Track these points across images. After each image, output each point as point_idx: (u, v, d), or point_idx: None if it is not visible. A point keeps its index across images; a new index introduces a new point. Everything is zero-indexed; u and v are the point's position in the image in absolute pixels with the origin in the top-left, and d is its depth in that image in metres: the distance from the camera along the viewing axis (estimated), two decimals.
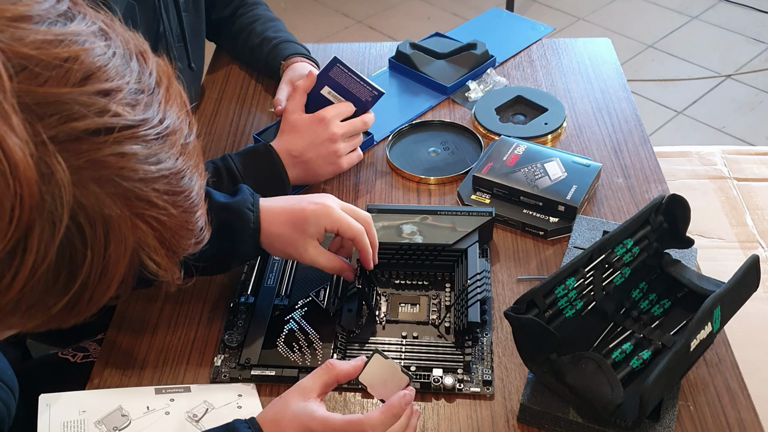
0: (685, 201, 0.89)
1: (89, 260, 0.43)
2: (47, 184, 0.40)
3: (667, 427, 0.77)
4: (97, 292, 0.46)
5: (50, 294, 0.43)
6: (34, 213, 0.39)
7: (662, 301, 0.89)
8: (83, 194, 0.42)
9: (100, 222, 0.43)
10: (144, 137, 0.44)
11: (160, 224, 0.47)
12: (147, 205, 0.45)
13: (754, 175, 1.62)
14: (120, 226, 0.44)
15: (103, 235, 0.43)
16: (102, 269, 0.44)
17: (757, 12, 3.18)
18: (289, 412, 0.71)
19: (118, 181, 0.43)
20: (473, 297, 0.88)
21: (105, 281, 0.45)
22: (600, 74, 1.37)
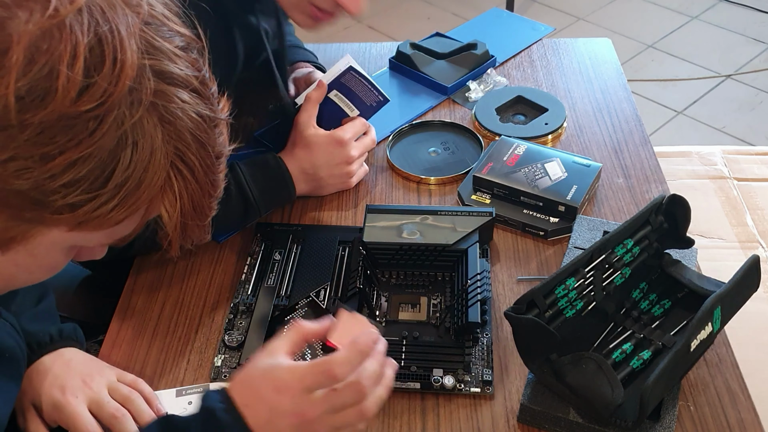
0: (686, 201, 0.89)
1: (128, 171, 0.51)
2: (134, 91, 0.50)
3: (668, 427, 0.77)
4: (119, 207, 0.52)
5: (84, 182, 0.49)
6: (117, 100, 0.49)
7: (662, 302, 0.89)
8: (147, 118, 0.51)
9: (149, 147, 0.51)
10: (201, 93, 0.55)
11: (189, 174, 0.55)
12: (187, 151, 0.54)
13: (754, 175, 1.62)
14: (161, 160, 0.52)
15: (146, 158, 0.51)
16: (134, 188, 0.52)
17: (757, 12, 3.18)
18: (256, 371, 0.67)
19: (174, 124, 0.52)
20: (473, 297, 0.88)
21: (130, 201, 0.52)
22: (600, 74, 1.37)
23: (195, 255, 1.02)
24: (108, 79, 0.48)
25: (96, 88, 0.48)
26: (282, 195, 1.04)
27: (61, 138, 0.48)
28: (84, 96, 0.47)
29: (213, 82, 0.58)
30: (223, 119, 0.58)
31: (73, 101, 0.47)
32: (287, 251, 1.01)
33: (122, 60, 0.49)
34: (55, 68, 0.46)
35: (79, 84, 0.47)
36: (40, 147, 0.47)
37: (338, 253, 1.00)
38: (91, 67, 0.48)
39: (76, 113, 0.47)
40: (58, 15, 0.47)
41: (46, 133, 0.47)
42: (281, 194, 1.03)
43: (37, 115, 0.47)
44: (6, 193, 0.49)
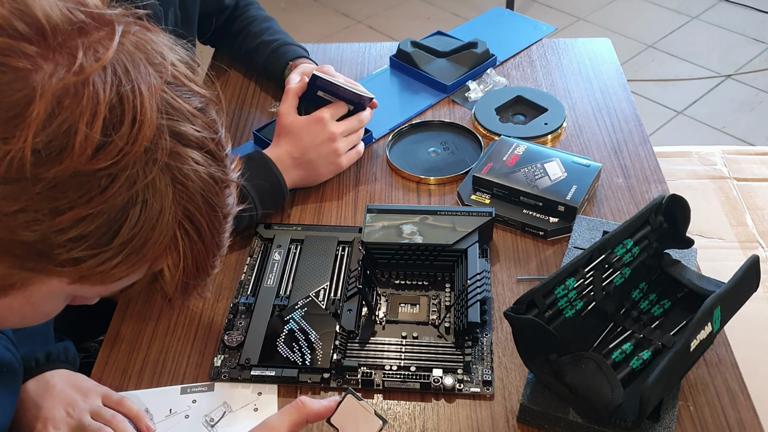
0: (685, 201, 0.89)
1: (134, 229, 0.51)
2: (150, 151, 0.50)
3: (667, 427, 0.77)
4: (123, 264, 0.52)
5: (91, 238, 0.49)
6: (132, 159, 0.49)
7: (662, 302, 0.89)
8: (160, 178, 0.51)
9: (158, 206, 0.51)
10: (215, 155, 0.55)
11: (196, 234, 0.55)
12: (196, 212, 0.54)
13: (754, 175, 1.62)
14: (169, 220, 0.52)
15: (155, 217, 0.51)
16: (140, 246, 0.52)
17: (757, 12, 3.18)
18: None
19: (185, 185, 0.53)
20: (473, 297, 0.88)
21: (134, 258, 0.52)
22: (600, 74, 1.37)
23: None
24: (125, 139, 0.48)
25: (113, 146, 0.48)
26: (273, 186, 1.03)
27: (72, 194, 0.48)
28: (100, 154, 0.47)
29: (228, 143, 0.58)
30: (234, 181, 0.59)
31: (89, 159, 0.47)
32: (287, 251, 1.01)
33: (141, 120, 0.49)
34: (74, 125, 0.46)
35: (96, 142, 0.47)
36: (51, 201, 0.47)
37: (338, 253, 1.00)
38: (109, 126, 0.48)
39: (91, 171, 0.47)
40: (84, 72, 0.47)
41: (58, 188, 0.47)
42: (271, 186, 1.03)
43: (52, 170, 0.47)
44: (12, 242, 0.49)
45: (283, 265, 0.99)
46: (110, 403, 0.83)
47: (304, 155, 1.06)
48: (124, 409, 0.82)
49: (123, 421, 0.81)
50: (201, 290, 0.61)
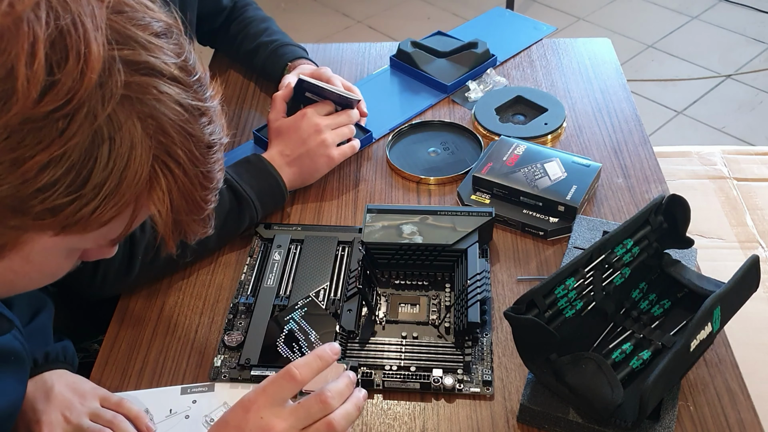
0: (685, 201, 0.89)
1: (106, 169, 0.49)
2: (103, 85, 0.47)
3: (667, 427, 0.77)
4: (102, 208, 0.50)
5: (61, 185, 0.48)
6: (85, 96, 0.46)
7: (662, 302, 0.89)
8: (122, 112, 0.49)
9: (128, 142, 0.49)
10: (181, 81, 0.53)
11: (176, 167, 0.53)
12: (171, 144, 0.52)
13: (754, 175, 1.62)
14: (142, 155, 0.50)
15: (125, 154, 0.49)
16: (114, 186, 0.50)
17: (757, 12, 3.18)
18: (227, 412, 0.67)
19: (153, 117, 0.50)
20: (473, 297, 0.88)
21: (113, 201, 0.50)
22: (600, 74, 1.37)
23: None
24: (72, 75, 0.46)
25: (60, 86, 0.45)
26: (271, 186, 1.04)
27: (29, 141, 0.46)
28: (48, 95, 0.45)
29: (198, 68, 0.55)
30: (211, 107, 0.56)
31: (36, 102, 0.45)
32: (287, 251, 1.01)
33: (87, 53, 0.46)
34: (13, 69, 0.44)
35: (41, 83, 0.45)
36: (10, 152, 0.46)
37: (338, 253, 1.00)
38: (53, 64, 0.45)
39: (42, 114, 0.45)
40: (14, 11, 0.45)
41: (13, 137, 0.46)
42: (270, 185, 1.03)
43: (1, 120, 0.45)
44: None
45: (283, 265, 0.99)
46: (109, 405, 0.82)
47: (294, 151, 1.06)
48: (124, 410, 0.82)
49: (123, 421, 0.81)
50: (200, 226, 0.59)
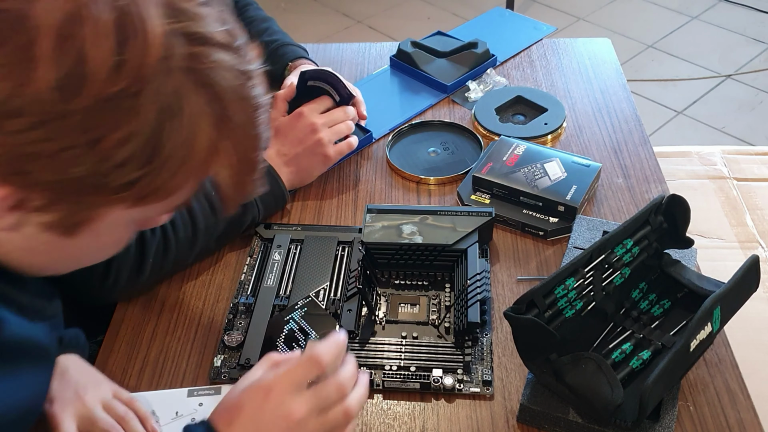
0: (685, 201, 0.89)
1: (175, 140, 0.51)
2: (165, 59, 0.49)
3: (667, 427, 0.77)
4: (173, 177, 0.53)
5: (135, 159, 0.50)
6: (150, 72, 0.48)
7: (662, 302, 0.89)
8: (184, 84, 0.50)
9: (191, 112, 0.51)
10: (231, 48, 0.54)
11: (235, 131, 0.55)
12: (229, 109, 0.54)
13: (754, 175, 1.62)
14: (205, 123, 0.52)
15: (191, 123, 0.51)
16: (184, 155, 0.52)
17: (757, 12, 3.18)
18: (237, 391, 0.66)
19: (211, 85, 0.52)
20: (473, 297, 0.88)
21: (183, 169, 0.53)
22: (600, 74, 1.37)
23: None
24: (137, 53, 0.48)
25: (127, 64, 0.47)
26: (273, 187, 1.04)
27: (103, 121, 0.48)
28: (117, 74, 0.47)
29: (240, 33, 0.57)
30: (255, 69, 0.57)
31: (107, 82, 0.47)
32: (287, 251, 1.01)
33: (148, 30, 0.48)
34: (83, 53, 0.46)
35: (109, 64, 0.47)
36: (86, 133, 0.48)
37: (338, 253, 1.00)
38: (119, 45, 0.47)
39: (113, 93, 0.47)
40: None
41: (88, 118, 0.47)
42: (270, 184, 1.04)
43: (75, 103, 0.47)
44: (66, 182, 0.49)
45: (283, 265, 0.99)
46: (121, 400, 0.82)
47: (291, 151, 1.07)
48: (134, 408, 0.82)
49: (134, 420, 0.80)
50: (254, 187, 0.61)
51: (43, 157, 0.48)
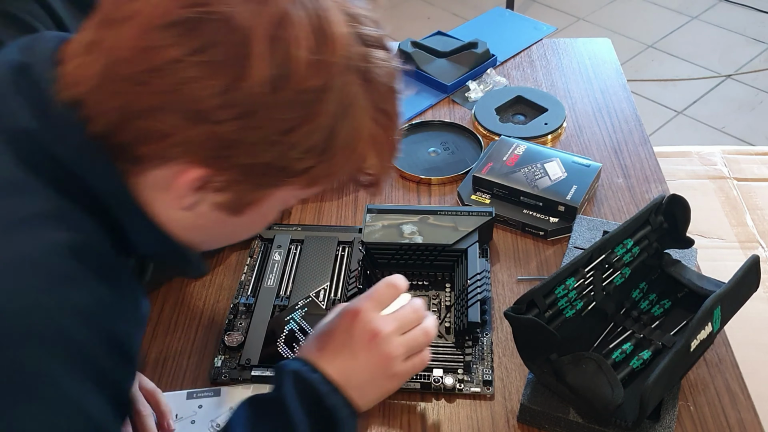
0: (685, 201, 0.89)
1: (347, 130, 0.57)
2: (348, 59, 0.55)
3: (668, 427, 0.77)
4: (341, 164, 0.59)
5: (315, 147, 0.56)
6: (336, 71, 0.54)
7: (662, 302, 0.89)
8: (355, 80, 0.56)
9: (359, 105, 0.57)
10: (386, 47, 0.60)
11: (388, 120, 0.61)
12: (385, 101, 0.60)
13: (754, 175, 1.62)
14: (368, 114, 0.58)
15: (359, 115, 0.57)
16: (352, 144, 0.58)
17: (757, 12, 3.18)
18: (323, 324, 0.73)
19: (373, 81, 0.58)
20: (473, 297, 0.88)
21: (350, 156, 0.59)
22: (600, 74, 1.37)
23: None
24: (328, 53, 0.54)
25: (321, 63, 0.53)
26: None
27: (299, 112, 0.54)
28: (313, 72, 0.53)
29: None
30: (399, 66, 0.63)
31: (306, 78, 0.53)
32: (287, 251, 1.01)
33: (335, 33, 0.54)
34: (289, 53, 0.52)
35: (308, 62, 0.53)
36: (284, 123, 0.54)
37: (338, 253, 1.00)
38: (315, 46, 0.53)
39: (308, 88, 0.53)
40: (278, 4, 0.53)
41: (288, 109, 0.53)
42: None
43: (280, 96, 0.53)
44: (254, 166, 0.55)
45: (283, 266, 0.99)
46: (144, 389, 0.82)
47: None
48: (154, 401, 0.82)
49: (162, 400, 0.81)
50: (391, 171, 0.67)
51: (245, 144, 0.54)
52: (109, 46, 0.53)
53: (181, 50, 0.51)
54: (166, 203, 0.58)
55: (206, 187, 0.56)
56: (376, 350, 0.69)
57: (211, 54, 0.51)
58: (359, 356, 0.68)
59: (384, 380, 0.70)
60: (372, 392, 0.70)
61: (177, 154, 0.54)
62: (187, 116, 0.52)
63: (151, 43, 0.51)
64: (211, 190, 0.57)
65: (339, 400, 0.66)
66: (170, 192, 0.57)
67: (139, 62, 0.51)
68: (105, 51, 0.53)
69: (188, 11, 0.51)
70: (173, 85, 0.51)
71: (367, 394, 0.69)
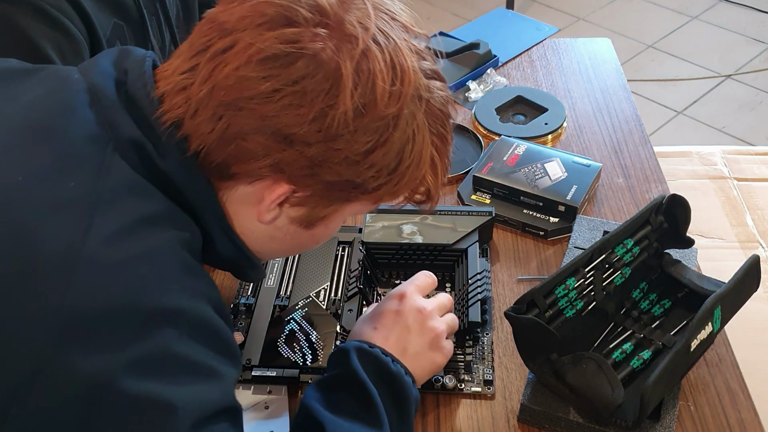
0: (686, 201, 0.89)
1: (412, 153, 0.63)
2: (416, 89, 0.61)
3: (668, 427, 0.77)
4: (405, 183, 0.65)
5: (386, 168, 0.62)
6: (407, 100, 0.60)
7: (662, 301, 0.89)
8: (419, 109, 0.62)
9: (422, 130, 0.63)
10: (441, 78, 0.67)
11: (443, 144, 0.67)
12: (440, 126, 0.66)
13: (754, 175, 1.62)
14: (428, 139, 0.64)
15: (421, 139, 0.63)
16: (416, 165, 0.64)
17: (757, 12, 3.18)
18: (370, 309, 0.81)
19: (431, 109, 0.64)
20: (473, 297, 0.88)
21: (414, 176, 0.65)
22: (600, 74, 1.37)
23: None
24: (403, 84, 0.60)
25: (394, 93, 0.59)
26: None
27: (377, 136, 0.60)
28: (391, 100, 0.59)
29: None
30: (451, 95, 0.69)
31: (386, 105, 0.59)
32: None
33: (406, 66, 0.60)
34: (373, 82, 0.58)
35: (387, 92, 0.59)
36: (364, 145, 0.60)
37: (338, 253, 1.00)
38: (392, 78, 0.59)
39: (385, 115, 0.59)
40: (364, 41, 0.59)
41: (368, 133, 0.59)
42: None
43: (365, 120, 0.59)
44: (336, 183, 0.61)
45: (283, 266, 0.99)
46: None
47: None
48: None
49: None
50: (441, 192, 0.72)
51: (329, 163, 0.60)
52: (209, 75, 0.58)
53: (279, 82, 0.57)
54: (249, 216, 0.64)
55: (288, 202, 0.63)
56: (425, 324, 0.77)
57: (304, 85, 0.57)
58: (412, 329, 0.77)
59: (434, 352, 0.78)
60: (426, 363, 0.77)
61: (267, 172, 0.60)
62: (280, 139, 0.58)
63: (251, 74, 0.57)
64: (291, 205, 0.64)
65: (401, 368, 0.73)
66: (255, 206, 0.63)
67: (240, 90, 0.57)
68: (206, 79, 0.58)
69: (284, 47, 0.57)
70: (270, 112, 0.57)
71: (422, 366, 0.77)
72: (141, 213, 0.57)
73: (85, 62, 0.66)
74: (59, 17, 0.85)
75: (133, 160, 0.59)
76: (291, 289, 0.95)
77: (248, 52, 0.57)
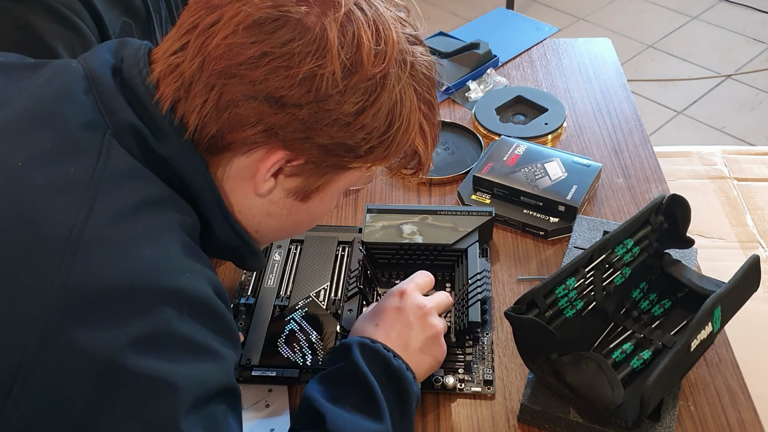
0: (686, 201, 0.89)
1: (402, 115, 0.64)
2: (400, 53, 0.63)
3: (668, 427, 0.77)
4: (397, 146, 0.66)
5: (377, 130, 0.63)
6: (392, 61, 0.62)
7: (663, 301, 0.89)
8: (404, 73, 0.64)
9: (409, 94, 0.65)
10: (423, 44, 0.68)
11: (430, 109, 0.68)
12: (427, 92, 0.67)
13: (754, 175, 1.62)
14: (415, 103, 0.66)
15: (409, 103, 0.65)
16: (405, 128, 0.65)
17: (757, 12, 3.18)
18: (371, 307, 0.83)
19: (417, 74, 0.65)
20: (473, 297, 0.88)
21: (404, 139, 0.66)
22: (600, 74, 1.37)
23: None
24: (386, 45, 0.61)
25: (380, 53, 0.61)
26: None
27: (365, 96, 0.61)
28: (376, 60, 0.61)
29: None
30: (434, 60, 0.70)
31: (372, 64, 0.60)
32: (287, 251, 1.01)
33: (391, 29, 0.62)
34: (359, 40, 0.60)
35: (373, 52, 0.60)
36: (354, 105, 0.61)
37: (338, 253, 1.00)
38: (378, 38, 0.61)
39: (372, 74, 0.61)
40: (347, 5, 0.60)
41: (357, 94, 0.61)
42: None
43: (353, 80, 0.60)
44: (329, 146, 0.62)
45: (283, 266, 0.99)
46: None
47: None
48: None
49: None
50: (431, 160, 0.73)
51: (323, 125, 0.61)
52: (200, 48, 0.60)
53: (267, 45, 0.58)
54: (245, 193, 0.65)
55: (283, 172, 0.64)
56: (425, 320, 0.79)
57: (291, 47, 0.58)
58: (413, 325, 0.78)
59: (434, 348, 0.79)
60: (426, 359, 0.79)
61: (261, 138, 0.61)
62: (272, 103, 0.59)
63: (240, 40, 0.58)
64: (286, 176, 0.64)
65: (402, 363, 0.74)
66: (250, 180, 0.64)
67: (230, 57, 0.58)
68: (196, 53, 0.60)
69: (270, 11, 0.58)
70: (260, 75, 0.58)
71: (423, 362, 0.78)
72: (143, 196, 0.58)
73: (85, 53, 0.67)
74: (71, 17, 0.86)
75: (131, 146, 0.60)
76: (291, 289, 0.95)
77: (235, 19, 0.59)
